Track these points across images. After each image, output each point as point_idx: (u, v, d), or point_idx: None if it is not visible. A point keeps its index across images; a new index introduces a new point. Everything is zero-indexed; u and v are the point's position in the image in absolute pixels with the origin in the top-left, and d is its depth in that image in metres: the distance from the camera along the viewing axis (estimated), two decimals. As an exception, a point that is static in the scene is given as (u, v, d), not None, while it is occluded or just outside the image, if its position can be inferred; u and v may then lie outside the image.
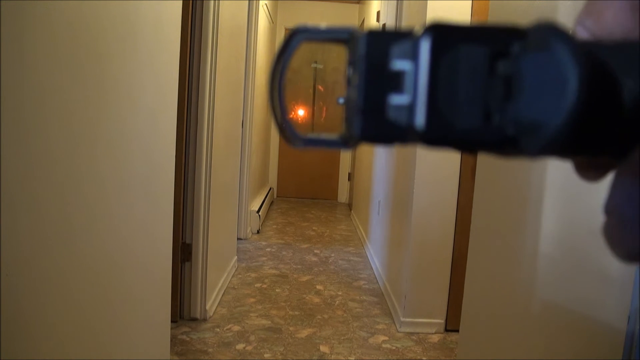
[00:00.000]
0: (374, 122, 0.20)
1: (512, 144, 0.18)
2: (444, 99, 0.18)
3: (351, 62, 0.21)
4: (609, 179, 0.20)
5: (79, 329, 1.09)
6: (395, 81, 0.19)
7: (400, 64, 0.19)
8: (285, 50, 0.23)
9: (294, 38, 0.22)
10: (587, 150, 0.18)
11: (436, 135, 0.18)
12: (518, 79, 0.17)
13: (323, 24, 0.23)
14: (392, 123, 0.19)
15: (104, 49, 1.13)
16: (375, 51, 0.20)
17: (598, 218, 0.25)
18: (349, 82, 0.21)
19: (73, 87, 1.00)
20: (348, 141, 0.21)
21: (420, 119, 0.18)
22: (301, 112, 6.08)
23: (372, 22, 4.44)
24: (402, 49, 0.19)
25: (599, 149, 0.18)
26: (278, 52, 0.23)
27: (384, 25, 3.65)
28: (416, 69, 0.19)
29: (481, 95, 0.18)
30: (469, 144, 0.19)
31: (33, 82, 0.86)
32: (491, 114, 0.18)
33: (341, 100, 0.22)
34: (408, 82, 0.19)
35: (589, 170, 0.20)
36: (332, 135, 0.22)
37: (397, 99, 0.19)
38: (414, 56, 0.19)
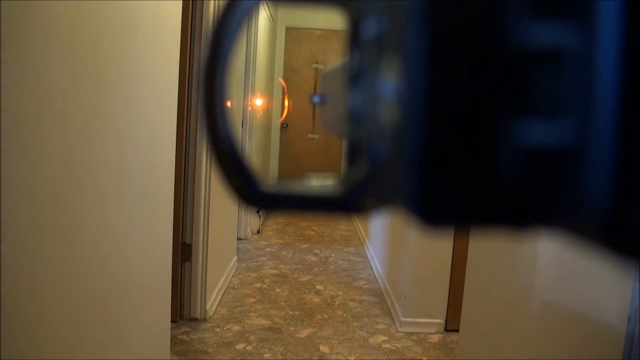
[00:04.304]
0: (468, 195, 0.11)
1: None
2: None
3: (367, 42, 0.13)
4: None
5: (78, 329, 1.09)
6: (533, 81, 0.11)
7: (554, 37, 0.11)
8: (230, 16, 0.14)
9: None
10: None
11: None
12: None
13: None
14: (511, 196, 0.11)
15: (104, 48, 1.13)
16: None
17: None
18: (356, 78, 0.14)
19: (73, 87, 1.00)
20: (355, 201, 0.13)
21: (604, 191, 0.10)
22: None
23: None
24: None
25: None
26: (219, 19, 0.14)
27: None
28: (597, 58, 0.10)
29: None
30: None
31: (33, 82, 0.85)
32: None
33: (316, 100, 0.16)
34: (567, 86, 0.11)
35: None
36: (323, 187, 0.14)
37: (540, 132, 0.11)
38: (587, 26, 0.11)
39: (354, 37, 0.14)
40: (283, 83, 5.66)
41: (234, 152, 0.13)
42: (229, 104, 0.13)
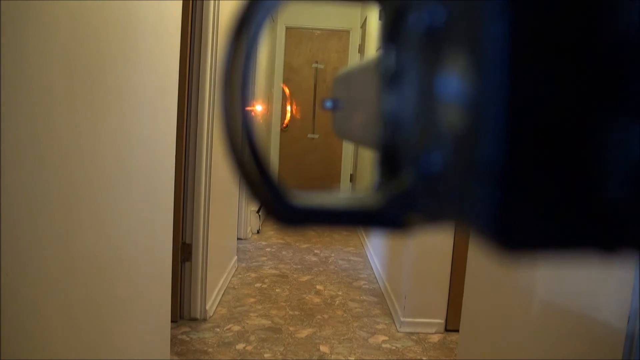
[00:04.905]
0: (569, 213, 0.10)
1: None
2: None
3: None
4: None
5: (78, 328, 1.09)
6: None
7: None
8: (251, 17, 0.12)
9: None
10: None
11: None
12: None
13: None
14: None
15: (104, 49, 1.13)
16: None
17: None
18: (394, 78, 0.12)
19: (73, 87, 1.00)
20: (397, 215, 0.12)
21: None
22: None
23: (374, 21, 4.44)
24: None
25: None
26: (238, 20, 0.13)
27: (379, 29, 3.64)
28: None
29: None
30: None
31: (33, 82, 0.85)
32: None
33: (328, 104, 0.14)
34: None
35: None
36: (358, 199, 0.12)
37: None
38: None
39: (393, 32, 0.13)
40: (286, 89, 5.63)
41: (259, 164, 0.12)
42: (252, 108, 0.12)
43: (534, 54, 0.10)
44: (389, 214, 0.12)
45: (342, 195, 0.12)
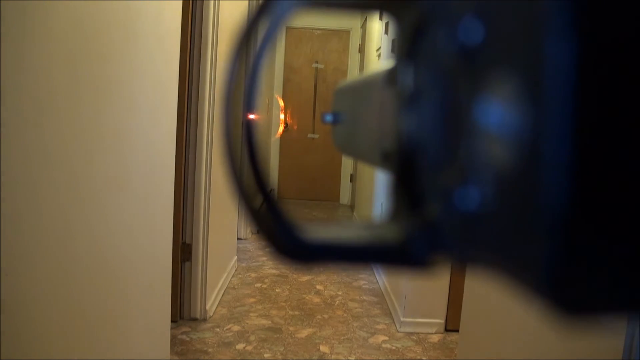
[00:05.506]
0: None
1: None
2: None
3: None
4: None
5: (78, 328, 1.09)
6: None
7: None
8: (261, 18, 0.11)
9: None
10: None
11: None
12: None
13: None
14: None
15: (104, 49, 1.13)
16: None
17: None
18: (417, 98, 0.10)
19: (73, 87, 1.00)
20: (421, 252, 0.10)
21: None
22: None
23: (375, 21, 4.44)
24: None
25: None
26: (250, 22, 0.11)
27: (386, 23, 3.65)
28: None
29: None
30: None
31: (33, 82, 0.85)
32: None
33: (329, 118, 0.12)
34: None
35: None
36: (376, 233, 0.10)
37: None
38: None
39: (413, 48, 0.11)
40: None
41: (266, 194, 0.10)
42: (255, 117, 0.10)
43: (608, 77, 0.08)
44: (411, 252, 0.10)
45: (356, 226, 0.11)
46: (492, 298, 1.53)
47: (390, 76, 0.13)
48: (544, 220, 0.08)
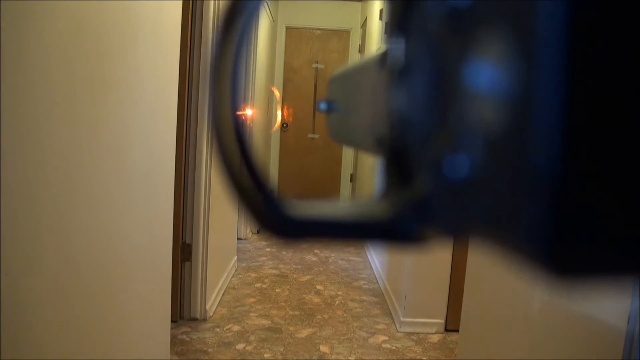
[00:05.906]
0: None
1: None
2: None
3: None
4: None
5: (78, 329, 1.09)
6: None
7: None
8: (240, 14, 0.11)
9: None
10: None
11: None
12: None
13: None
14: None
15: (103, 49, 1.13)
16: None
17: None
18: (406, 71, 0.10)
19: (73, 87, 1.00)
20: (410, 227, 0.10)
21: None
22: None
23: (375, 21, 4.44)
24: None
25: None
26: (225, 17, 0.11)
27: (386, 23, 3.64)
28: None
29: None
30: None
31: (33, 82, 0.85)
32: None
33: (323, 106, 0.12)
34: None
35: None
36: (363, 209, 0.10)
37: None
38: None
39: (403, 19, 0.10)
40: (276, 93, 5.59)
41: (251, 171, 0.10)
42: (244, 111, 0.11)
43: (600, 32, 0.07)
44: (400, 227, 0.10)
45: (346, 204, 0.11)
46: (492, 298, 1.53)
47: (382, 58, 0.13)
48: (536, 182, 0.08)
